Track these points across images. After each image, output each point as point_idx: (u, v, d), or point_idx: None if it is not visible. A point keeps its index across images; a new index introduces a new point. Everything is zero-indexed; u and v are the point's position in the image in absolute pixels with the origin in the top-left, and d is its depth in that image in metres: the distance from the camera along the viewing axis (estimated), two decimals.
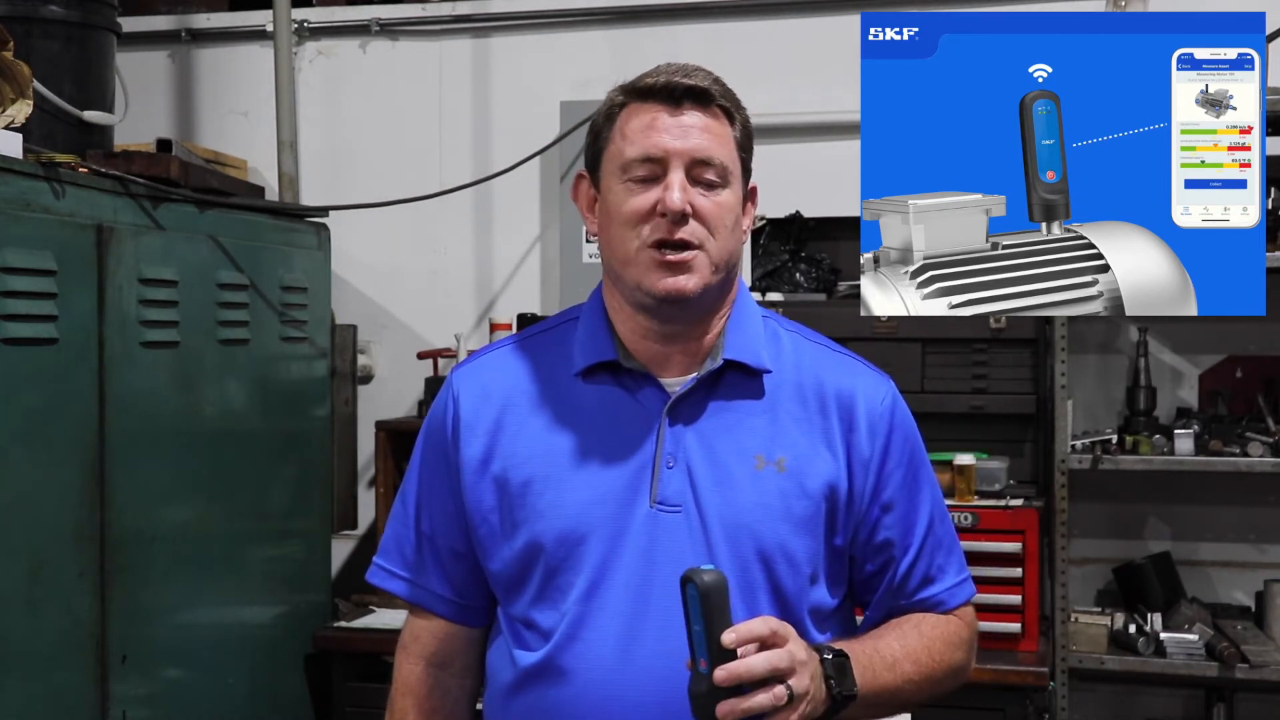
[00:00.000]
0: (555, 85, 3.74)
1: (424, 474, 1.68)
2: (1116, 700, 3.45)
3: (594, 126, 1.61)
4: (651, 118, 1.54)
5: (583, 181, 1.64)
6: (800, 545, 1.56)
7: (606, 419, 1.59)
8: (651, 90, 1.54)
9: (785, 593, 1.56)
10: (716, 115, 1.56)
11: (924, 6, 3.56)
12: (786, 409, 1.60)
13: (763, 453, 1.57)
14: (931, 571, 1.65)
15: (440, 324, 3.81)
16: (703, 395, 1.59)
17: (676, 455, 1.56)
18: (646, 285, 1.53)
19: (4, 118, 2.45)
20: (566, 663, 1.55)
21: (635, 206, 1.53)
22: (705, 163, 1.53)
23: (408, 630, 1.74)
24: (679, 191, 1.51)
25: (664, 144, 1.52)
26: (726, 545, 1.54)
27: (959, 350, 3.23)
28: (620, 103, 1.57)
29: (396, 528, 1.71)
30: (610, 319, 1.62)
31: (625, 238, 1.54)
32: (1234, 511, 3.43)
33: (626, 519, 1.54)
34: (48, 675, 2.41)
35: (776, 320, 1.68)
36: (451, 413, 1.64)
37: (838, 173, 3.53)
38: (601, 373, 1.60)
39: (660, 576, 1.52)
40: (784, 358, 1.63)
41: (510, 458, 1.59)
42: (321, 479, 3.39)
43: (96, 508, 2.53)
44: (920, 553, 1.64)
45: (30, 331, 2.36)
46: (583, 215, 1.64)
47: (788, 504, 1.56)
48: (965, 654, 1.68)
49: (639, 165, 1.53)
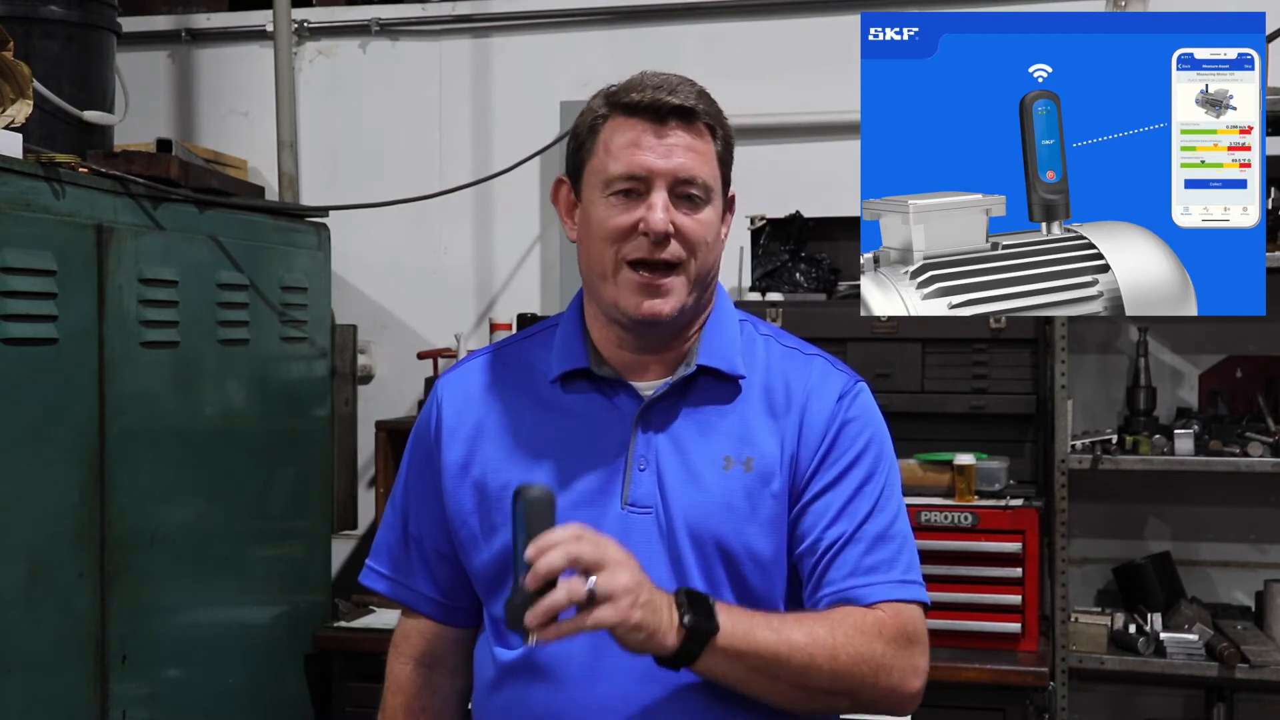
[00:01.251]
0: (555, 85, 3.74)
1: (410, 478, 1.72)
2: (1116, 700, 3.45)
3: (576, 134, 1.61)
4: (636, 135, 1.54)
5: (562, 186, 1.66)
6: (767, 545, 1.57)
7: (582, 423, 1.61)
8: (637, 106, 1.55)
9: (753, 591, 1.57)
10: (700, 132, 1.56)
11: (924, 6, 3.57)
12: (755, 410, 1.61)
13: (731, 453, 1.59)
14: (869, 565, 1.57)
15: (440, 324, 3.81)
16: (675, 399, 1.61)
17: (648, 458, 1.58)
18: (623, 305, 1.56)
19: (4, 118, 2.45)
20: (543, 660, 1.57)
21: (617, 224, 1.55)
22: (689, 181, 1.54)
23: (399, 630, 1.78)
24: (662, 212, 1.52)
25: (648, 163, 1.53)
26: (692, 545, 1.56)
27: (959, 350, 3.23)
28: (604, 114, 1.58)
29: (386, 530, 1.76)
30: (587, 326, 1.65)
31: (604, 253, 1.56)
32: (1234, 511, 3.43)
33: (599, 520, 1.56)
34: (48, 675, 2.41)
35: (753, 324, 1.70)
36: (435, 418, 1.68)
37: (838, 173, 3.54)
38: (578, 379, 1.63)
39: None
40: (756, 361, 1.65)
41: (489, 462, 1.63)
42: (321, 479, 3.39)
43: (96, 508, 2.53)
44: (853, 541, 1.56)
45: (30, 331, 2.36)
46: (561, 219, 1.66)
47: (754, 504, 1.57)
48: (886, 647, 1.52)
49: (622, 182, 1.54)
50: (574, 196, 1.63)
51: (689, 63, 3.54)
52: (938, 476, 3.06)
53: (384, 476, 3.53)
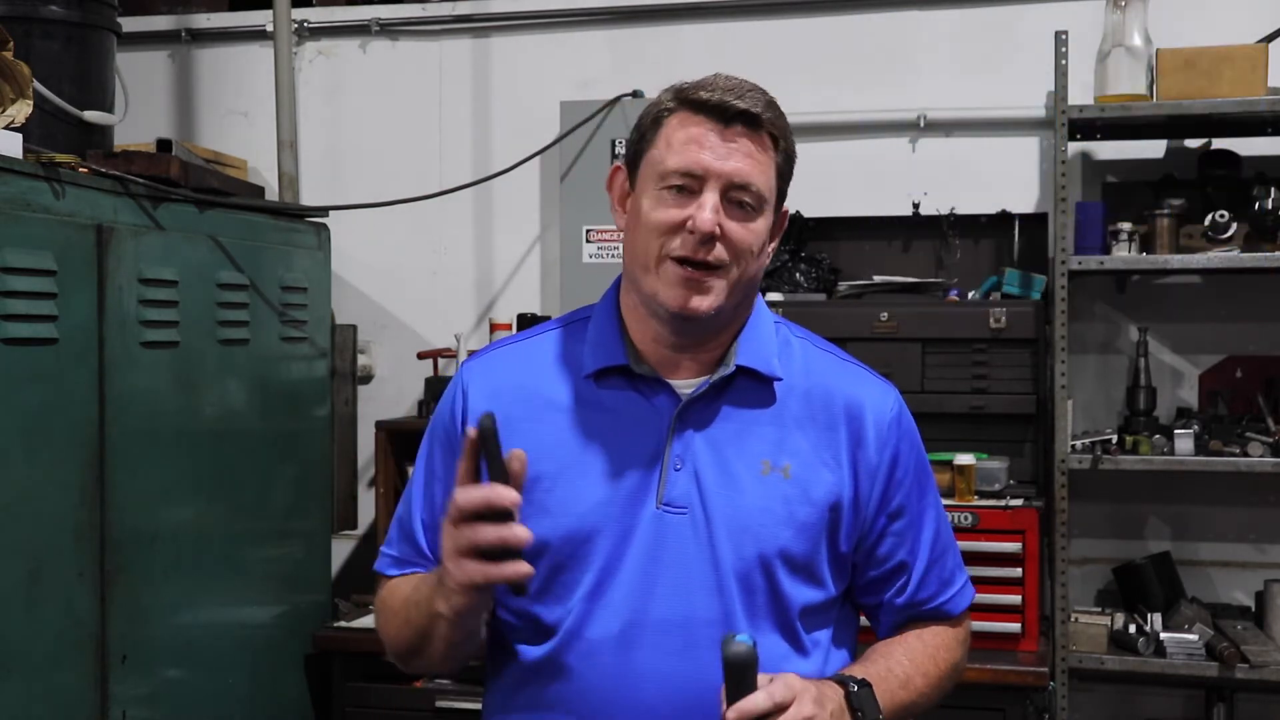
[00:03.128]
0: (555, 85, 3.74)
1: (431, 465, 1.70)
2: (1116, 700, 3.45)
3: (639, 124, 1.61)
4: (699, 132, 1.54)
5: (619, 173, 1.65)
6: (801, 550, 1.59)
7: (617, 420, 1.60)
8: (704, 105, 1.54)
9: (784, 595, 1.58)
10: (763, 141, 1.56)
11: (913, 7, 3.58)
12: (794, 416, 1.62)
13: (769, 458, 1.59)
14: (945, 578, 1.71)
15: (440, 324, 3.81)
16: (713, 400, 1.61)
17: (684, 458, 1.58)
18: (663, 298, 1.55)
19: (4, 118, 2.44)
20: (570, 659, 1.56)
21: (666, 217, 1.54)
22: (743, 187, 1.54)
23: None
24: (711, 212, 1.52)
25: (705, 162, 1.53)
26: (730, 547, 1.56)
27: (959, 350, 3.23)
28: (670, 108, 1.57)
29: (403, 518, 1.73)
30: (624, 320, 1.64)
31: (650, 245, 1.55)
32: (1234, 511, 3.42)
33: (633, 519, 1.56)
34: (48, 675, 2.41)
35: (788, 327, 1.71)
36: (461, 406, 1.67)
37: (838, 173, 3.56)
38: (613, 374, 1.62)
39: (665, 576, 1.55)
40: (794, 365, 1.65)
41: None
42: (321, 479, 3.39)
43: (96, 508, 2.53)
44: (932, 562, 1.69)
45: (30, 331, 2.36)
46: (613, 206, 1.65)
47: (791, 509, 1.58)
48: (962, 653, 1.75)
49: (676, 177, 1.54)
50: (628, 185, 1.62)
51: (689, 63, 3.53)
52: (938, 476, 3.03)
53: (384, 476, 3.52)
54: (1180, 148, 3.42)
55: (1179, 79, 3.08)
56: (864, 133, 3.60)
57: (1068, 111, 3.10)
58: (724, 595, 1.55)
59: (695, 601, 1.55)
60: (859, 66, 3.61)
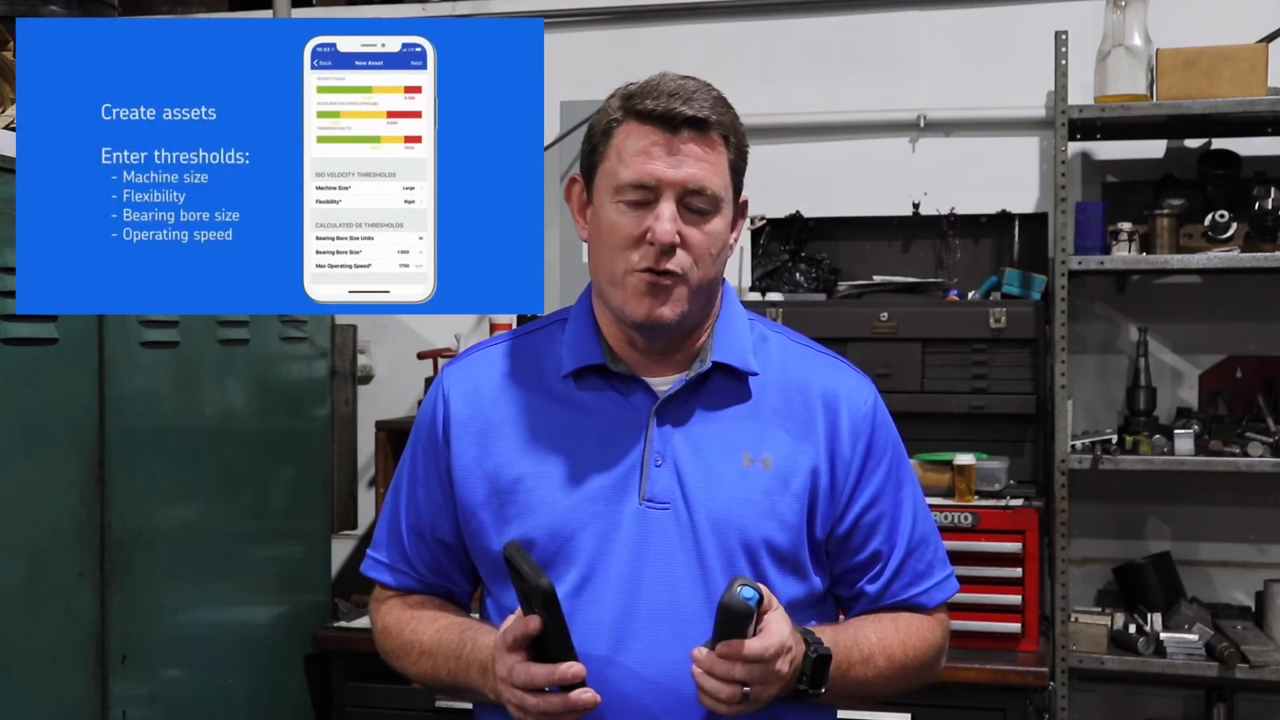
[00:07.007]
0: (555, 85, 3.70)
1: (414, 469, 1.73)
2: (1116, 700, 3.45)
3: (590, 135, 1.62)
4: (648, 143, 1.55)
5: (575, 184, 1.67)
6: (785, 541, 1.61)
7: (596, 419, 1.62)
8: (650, 115, 1.55)
9: (771, 589, 1.58)
10: (713, 142, 1.57)
11: (913, 7, 3.57)
12: (773, 409, 1.64)
13: (749, 450, 1.61)
14: (920, 570, 1.71)
15: (440, 324, 3.81)
16: (690, 396, 1.63)
17: (664, 454, 1.60)
18: (629, 310, 1.57)
19: (4, 117, 2.45)
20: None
21: (626, 231, 1.56)
22: (698, 192, 1.55)
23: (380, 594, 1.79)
24: (669, 223, 1.53)
25: (657, 173, 1.54)
26: (714, 540, 1.58)
27: (959, 350, 3.23)
28: (618, 119, 1.58)
29: (387, 520, 1.76)
30: (598, 322, 1.66)
31: (614, 260, 1.57)
32: (1234, 511, 3.42)
33: (616, 515, 1.58)
34: (48, 675, 2.40)
35: (763, 323, 1.73)
36: (442, 411, 1.68)
37: (838, 173, 3.56)
38: (591, 374, 1.64)
39: (650, 572, 1.57)
40: (770, 359, 1.67)
41: (501, 455, 1.63)
42: (321, 479, 3.39)
43: (96, 508, 2.53)
44: (908, 553, 1.69)
45: (30, 331, 2.36)
46: (574, 217, 1.67)
47: (772, 501, 1.60)
48: (935, 655, 1.73)
49: (631, 190, 1.55)
50: (586, 196, 1.64)
51: (689, 63, 3.53)
52: (938, 476, 3.06)
53: (384, 476, 3.52)
54: (1180, 148, 3.42)
55: (1179, 79, 3.09)
56: (864, 132, 3.60)
57: (1068, 111, 3.11)
58: (710, 587, 1.56)
59: (681, 595, 1.57)
60: (859, 66, 3.60)
